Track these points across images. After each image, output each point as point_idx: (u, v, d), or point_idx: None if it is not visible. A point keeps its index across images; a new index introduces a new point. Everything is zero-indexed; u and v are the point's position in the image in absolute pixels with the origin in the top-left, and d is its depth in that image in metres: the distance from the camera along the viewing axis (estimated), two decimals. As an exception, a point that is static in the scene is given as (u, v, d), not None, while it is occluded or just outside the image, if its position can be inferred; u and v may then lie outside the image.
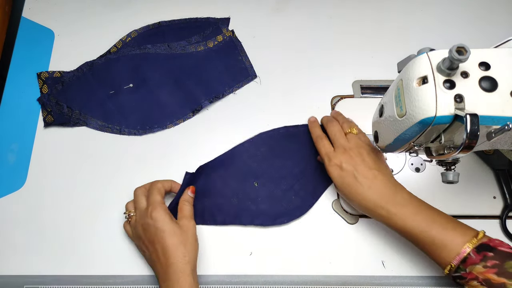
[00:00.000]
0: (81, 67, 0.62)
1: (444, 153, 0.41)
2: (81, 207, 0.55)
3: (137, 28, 0.66)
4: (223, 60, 0.64)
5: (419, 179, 0.56)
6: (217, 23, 0.66)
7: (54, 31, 0.66)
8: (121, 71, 0.62)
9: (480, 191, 0.55)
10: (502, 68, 0.37)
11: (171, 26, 0.66)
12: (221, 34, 0.65)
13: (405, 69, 0.41)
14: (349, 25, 0.67)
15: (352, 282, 0.51)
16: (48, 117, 0.59)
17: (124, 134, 0.59)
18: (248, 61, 0.64)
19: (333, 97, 0.62)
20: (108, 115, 0.60)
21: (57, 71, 0.62)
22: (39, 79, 0.62)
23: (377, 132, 0.49)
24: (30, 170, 0.57)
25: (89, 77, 0.62)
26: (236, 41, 0.65)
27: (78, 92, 0.61)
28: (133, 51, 0.63)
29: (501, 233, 0.54)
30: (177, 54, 0.63)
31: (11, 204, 0.55)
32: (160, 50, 0.63)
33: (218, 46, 0.64)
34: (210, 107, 0.61)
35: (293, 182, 0.56)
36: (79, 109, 0.60)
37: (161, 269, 0.46)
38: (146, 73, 0.62)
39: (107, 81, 0.62)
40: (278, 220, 0.54)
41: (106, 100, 0.60)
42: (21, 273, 0.52)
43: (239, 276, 0.52)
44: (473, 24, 0.67)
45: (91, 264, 0.52)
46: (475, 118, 0.34)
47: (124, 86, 0.61)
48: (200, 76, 0.62)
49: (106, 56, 0.63)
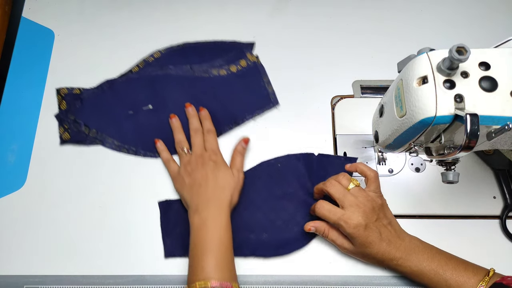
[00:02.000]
0: (101, 85, 0.61)
1: (444, 153, 0.41)
2: (81, 207, 0.55)
3: (161, 49, 0.64)
4: (245, 86, 0.62)
5: (419, 179, 0.56)
6: (242, 47, 0.65)
7: (54, 31, 0.66)
8: (141, 92, 0.61)
9: (480, 191, 0.55)
10: (502, 68, 0.37)
11: (195, 48, 0.65)
12: (245, 59, 0.63)
13: (405, 69, 0.41)
14: (349, 25, 0.67)
15: (352, 282, 0.51)
16: (65, 134, 0.58)
17: (140, 155, 0.58)
18: (271, 88, 0.62)
19: (333, 97, 0.62)
20: (125, 136, 0.58)
21: (77, 88, 0.61)
22: (58, 95, 0.61)
23: (377, 132, 0.49)
24: (30, 170, 0.57)
25: (108, 95, 0.61)
26: (260, 67, 0.63)
27: (96, 110, 0.60)
28: (155, 72, 0.62)
29: (501, 233, 0.54)
30: (199, 77, 0.62)
31: (11, 204, 0.55)
32: (182, 72, 0.62)
33: (241, 72, 0.63)
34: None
35: (294, 212, 0.54)
36: (97, 127, 0.59)
37: (203, 199, 0.50)
38: (167, 95, 0.60)
39: (126, 101, 0.60)
40: (280, 251, 0.52)
41: (124, 120, 0.59)
42: (21, 273, 0.52)
43: (239, 276, 0.51)
44: (473, 24, 0.67)
45: (91, 264, 0.52)
46: (475, 118, 0.34)
47: (143, 107, 0.60)
48: (221, 101, 0.61)
49: (127, 75, 0.62)
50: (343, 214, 0.47)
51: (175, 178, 0.55)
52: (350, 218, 0.47)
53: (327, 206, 0.49)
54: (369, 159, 0.57)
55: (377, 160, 0.57)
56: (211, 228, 0.47)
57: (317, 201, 0.50)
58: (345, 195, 0.49)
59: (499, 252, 0.53)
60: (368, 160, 0.57)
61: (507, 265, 0.52)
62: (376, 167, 0.57)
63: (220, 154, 0.55)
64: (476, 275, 0.45)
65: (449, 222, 0.54)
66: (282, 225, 0.53)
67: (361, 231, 0.47)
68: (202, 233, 0.47)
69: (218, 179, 0.52)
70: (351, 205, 0.48)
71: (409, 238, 0.49)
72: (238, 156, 0.56)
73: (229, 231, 0.49)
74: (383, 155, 0.57)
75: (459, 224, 0.54)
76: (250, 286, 0.51)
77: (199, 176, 0.52)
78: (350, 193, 0.49)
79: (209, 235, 0.47)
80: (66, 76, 0.63)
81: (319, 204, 0.49)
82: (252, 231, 0.53)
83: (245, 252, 0.52)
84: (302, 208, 0.54)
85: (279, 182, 0.56)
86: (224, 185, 0.51)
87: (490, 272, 0.45)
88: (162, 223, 0.54)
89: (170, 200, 0.55)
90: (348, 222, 0.47)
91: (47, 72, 0.63)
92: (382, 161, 0.57)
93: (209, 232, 0.47)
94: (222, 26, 0.67)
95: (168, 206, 0.55)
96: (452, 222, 0.54)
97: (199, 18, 0.68)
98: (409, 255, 0.47)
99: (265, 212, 0.54)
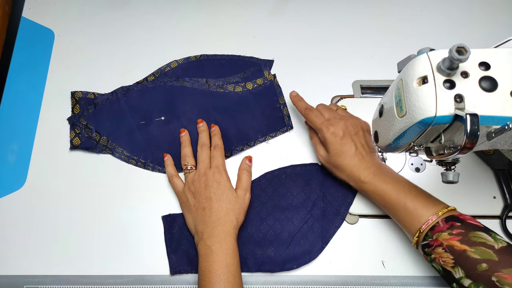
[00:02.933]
0: (116, 91, 0.61)
1: (444, 153, 0.41)
2: (81, 207, 0.55)
3: (178, 59, 0.64)
4: (260, 105, 0.61)
5: (419, 179, 0.56)
6: (260, 65, 0.64)
7: (54, 31, 0.66)
8: (154, 102, 0.60)
9: (480, 191, 0.55)
10: (502, 68, 0.37)
11: (212, 61, 0.64)
12: (262, 77, 0.62)
13: (405, 69, 0.41)
14: (349, 25, 0.67)
15: (352, 282, 0.51)
16: (76, 139, 0.58)
17: (148, 169, 0.57)
18: (286, 110, 0.61)
19: (333, 97, 0.62)
20: (135, 147, 0.58)
21: (91, 92, 0.61)
22: (72, 98, 0.60)
23: (377, 132, 0.49)
24: (30, 170, 0.57)
25: (122, 103, 0.60)
26: (277, 87, 0.62)
27: (109, 117, 0.59)
28: (170, 82, 0.61)
29: (501, 233, 0.54)
30: (214, 92, 0.61)
31: (11, 204, 0.55)
32: (198, 85, 0.61)
33: (257, 90, 0.62)
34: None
35: (300, 224, 0.53)
36: (107, 135, 0.58)
37: (208, 226, 0.49)
38: (180, 107, 0.60)
39: (139, 110, 0.60)
40: (286, 266, 0.51)
41: (136, 130, 0.58)
42: (21, 273, 0.52)
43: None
44: (473, 24, 0.67)
45: (91, 264, 0.52)
46: (475, 118, 0.34)
47: (155, 118, 0.59)
48: (234, 118, 0.60)
49: (143, 84, 0.62)
50: (326, 120, 0.52)
51: (179, 196, 0.54)
52: (331, 125, 0.51)
53: (316, 112, 0.54)
54: (369, 159, 0.57)
55: (377, 160, 0.57)
56: (217, 256, 0.47)
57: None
58: (330, 109, 0.55)
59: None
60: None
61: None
62: (376, 167, 0.57)
63: (224, 173, 0.53)
64: (435, 206, 0.45)
65: (449, 222, 0.54)
66: (288, 237, 0.53)
67: (337, 139, 0.50)
68: (208, 262, 0.46)
69: (222, 203, 0.50)
70: (334, 117, 0.53)
71: (381, 163, 0.51)
72: (244, 175, 0.54)
73: (236, 256, 0.48)
74: (383, 155, 0.57)
75: (459, 224, 0.54)
76: (250, 286, 0.51)
77: (203, 198, 0.50)
78: (335, 110, 0.55)
79: (216, 264, 0.46)
80: (66, 76, 0.63)
81: (310, 109, 0.54)
82: (258, 244, 0.52)
83: (251, 268, 0.51)
84: (308, 219, 0.53)
85: (284, 193, 0.55)
86: (228, 209, 0.50)
87: (450, 207, 0.45)
88: (166, 239, 0.53)
89: (173, 214, 0.54)
90: (328, 127, 0.51)
91: (47, 72, 0.63)
92: (382, 161, 0.57)
93: (215, 261, 0.46)
94: (222, 26, 0.67)
95: (172, 220, 0.54)
96: (452, 222, 0.54)
97: (199, 18, 0.68)
98: (377, 175, 0.49)
99: (270, 225, 0.53)
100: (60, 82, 0.62)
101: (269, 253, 0.52)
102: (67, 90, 0.61)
